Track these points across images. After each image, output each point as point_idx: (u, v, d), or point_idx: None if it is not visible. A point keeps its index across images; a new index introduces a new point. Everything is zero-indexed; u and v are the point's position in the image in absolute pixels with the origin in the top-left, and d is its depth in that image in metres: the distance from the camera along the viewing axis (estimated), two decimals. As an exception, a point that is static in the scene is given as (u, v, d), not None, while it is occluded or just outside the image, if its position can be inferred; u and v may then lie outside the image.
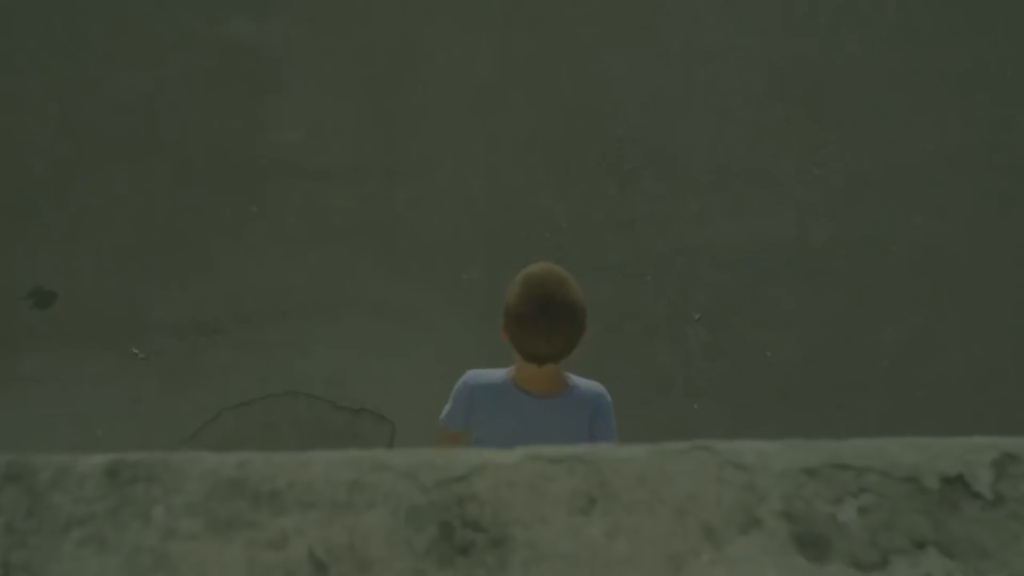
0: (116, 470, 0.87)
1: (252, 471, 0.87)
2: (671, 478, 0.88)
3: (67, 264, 4.27)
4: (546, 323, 2.33)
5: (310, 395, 3.97)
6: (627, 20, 5.17)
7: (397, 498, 0.86)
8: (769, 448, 0.91)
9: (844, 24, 5.21)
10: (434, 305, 4.17)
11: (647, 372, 4.10)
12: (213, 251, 4.34)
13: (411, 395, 3.96)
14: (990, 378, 4.17)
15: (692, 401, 4.05)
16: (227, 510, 0.84)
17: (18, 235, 4.34)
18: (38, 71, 4.85)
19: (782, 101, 4.92)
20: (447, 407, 2.63)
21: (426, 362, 3.41)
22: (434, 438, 2.72)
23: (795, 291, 4.36)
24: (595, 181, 4.62)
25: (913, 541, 0.84)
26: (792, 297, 4.34)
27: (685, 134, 4.79)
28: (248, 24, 5.05)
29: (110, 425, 3.85)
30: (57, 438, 3.80)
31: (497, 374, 2.56)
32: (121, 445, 3.74)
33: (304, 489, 0.86)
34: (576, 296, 2.37)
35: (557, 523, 0.86)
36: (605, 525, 0.85)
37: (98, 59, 4.90)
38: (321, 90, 4.85)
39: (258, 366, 4.03)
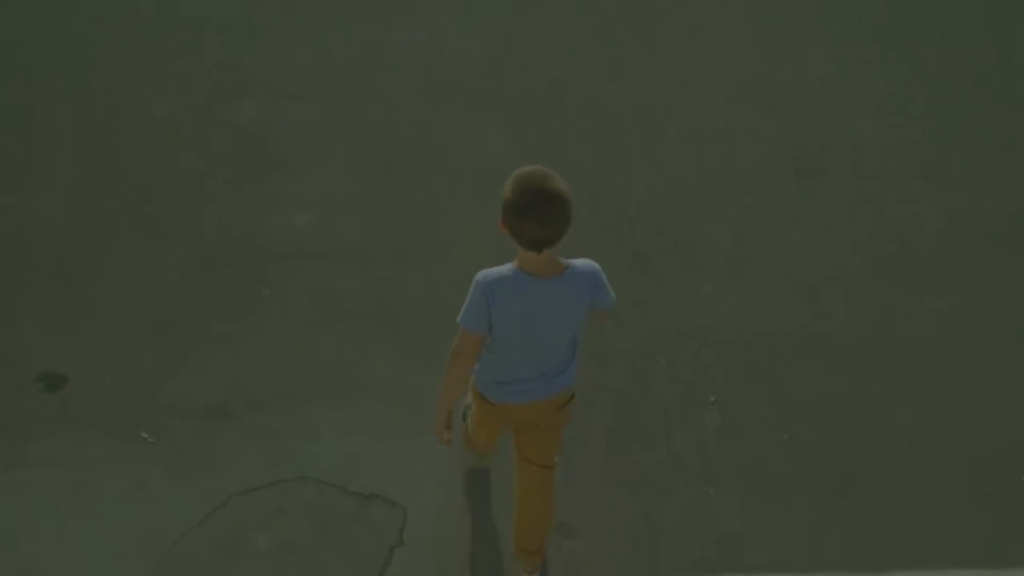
0: None
1: None
2: None
3: (77, 347, 4.25)
4: (538, 211, 2.77)
5: (319, 480, 3.91)
6: (637, 102, 5.22)
7: None
8: None
9: (854, 106, 5.25)
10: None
11: (662, 456, 4.05)
12: (223, 334, 4.32)
13: (422, 481, 3.90)
14: (1008, 460, 4.11)
15: (708, 486, 3.98)
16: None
17: (29, 317, 4.34)
18: (50, 152, 4.90)
19: (794, 181, 4.94)
20: (465, 309, 2.94)
21: (437, 447, 3.36)
22: (456, 343, 2.99)
23: (810, 373, 4.32)
24: (606, 262, 4.60)
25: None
26: (807, 379, 4.30)
27: (697, 215, 4.80)
28: (259, 108, 5.10)
29: (116, 510, 3.80)
30: (64, 524, 3.75)
31: (505, 268, 2.94)
32: (127, 532, 3.70)
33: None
34: (562, 187, 2.82)
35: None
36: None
37: (110, 141, 4.94)
38: (332, 173, 4.88)
39: (267, 451, 3.98)
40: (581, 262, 3.03)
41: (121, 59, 5.28)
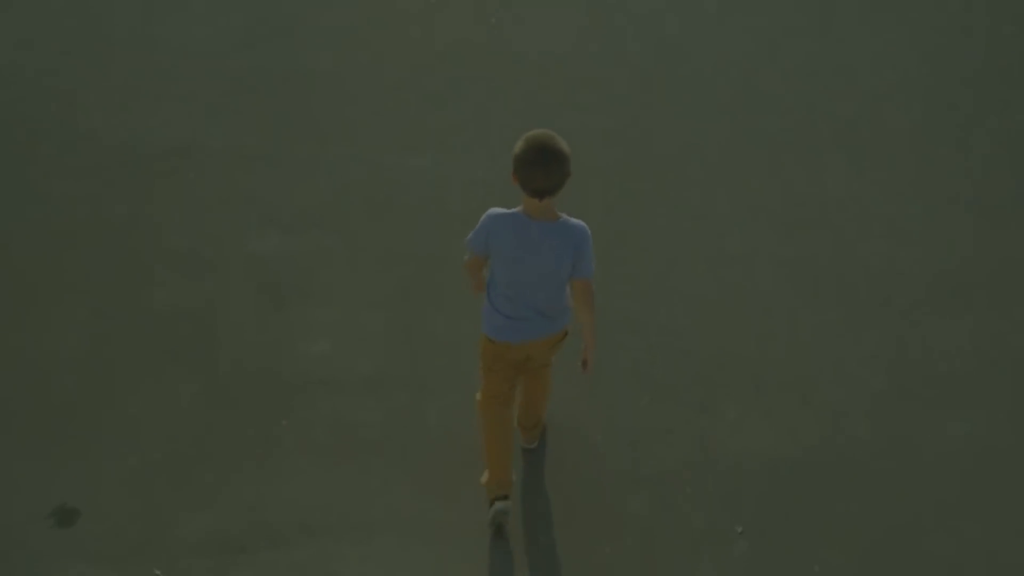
0: None
1: None
2: None
3: (91, 479, 4.19)
4: (542, 165, 3.34)
5: (337, 618, 3.80)
6: (655, 227, 5.23)
7: None
8: None
9: (874, 227, 5.24)
10: (466, 523, 4.04)
11: (690, 590, 3.92)
12: (239, 467, 4.25)
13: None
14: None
15: (739, 620, 3.84)
16: None
17: (43, 448, 4.29)
18: (69, 281, 4.92)
19: (815, 303, 4.90)
20: (471, 235, 3.58)
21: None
22: (465, 260, 3.70)
23: (839, 498, 4.20)
24: (627, 390, 4.55)
25: None
26: (836, 505, 4.18)
27: (719, 339, 4.75)
28: (279, 237, 5.14)
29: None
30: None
31: (512, 209, 3.53)
32: None
33: None
34: (564, 146, 3.39)
35: None
36: None
37: (129, 270, 4.97)
38: (350, 301, 4.88)
39: (284, 587, 3.88)
40: (574, 220, 3.54)
41: (142, 189, 5.35)
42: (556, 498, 4.18)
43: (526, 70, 6.03)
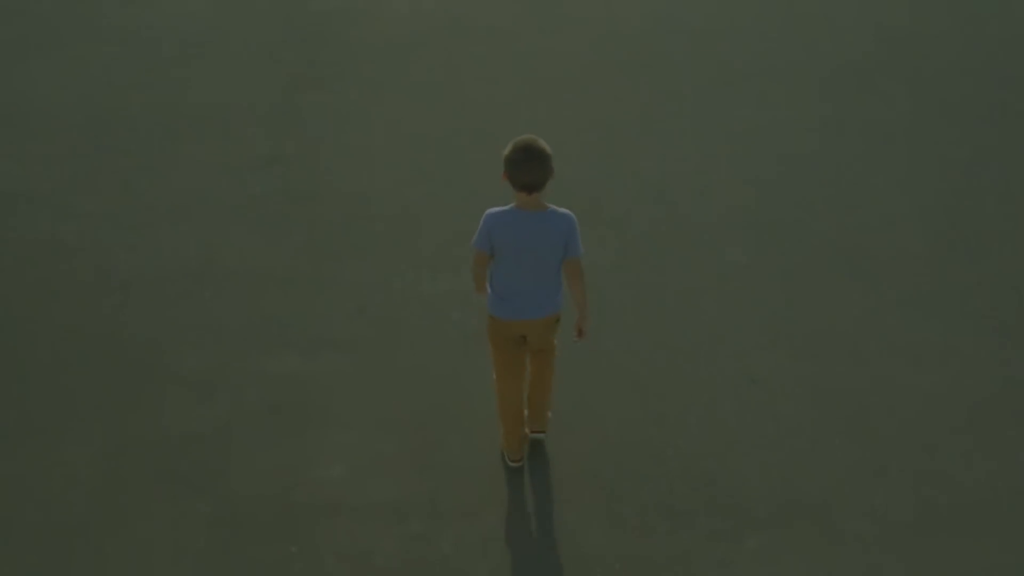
0: None
1: None
2: None
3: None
4: (528, 163, 3.86)
5: None
6: (672, 347, 5.20)
7: None
8: None
9: (892, 350, 5.20)
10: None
11: None
12: (249, 595, 4.14)
13: None
14: None
15: None
16: None
17: (51, 570, 4.18)
18: (82, 401, 4.88)
19: (839, 430, 4.83)
20: (476, 236, 4.07)
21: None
22: (471, 260, 4.16)
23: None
24: (646, 518, 4.45)
25: None
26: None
27: (739, 467, 4.66)
28: (294, 359, 5.12)
29: None
30: None
31: (506, 207, 4.05)
32: None
33: None
34: (546, 148, 3.90)
35: None
36: None
37: (143, 392, 4.94)
38: (365, 425, 4.82)
39: None
40: (562, 209, 4.06)
41: (159, 309, 5.36)
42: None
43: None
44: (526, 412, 4.64)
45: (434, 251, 5.74)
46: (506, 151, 3.93)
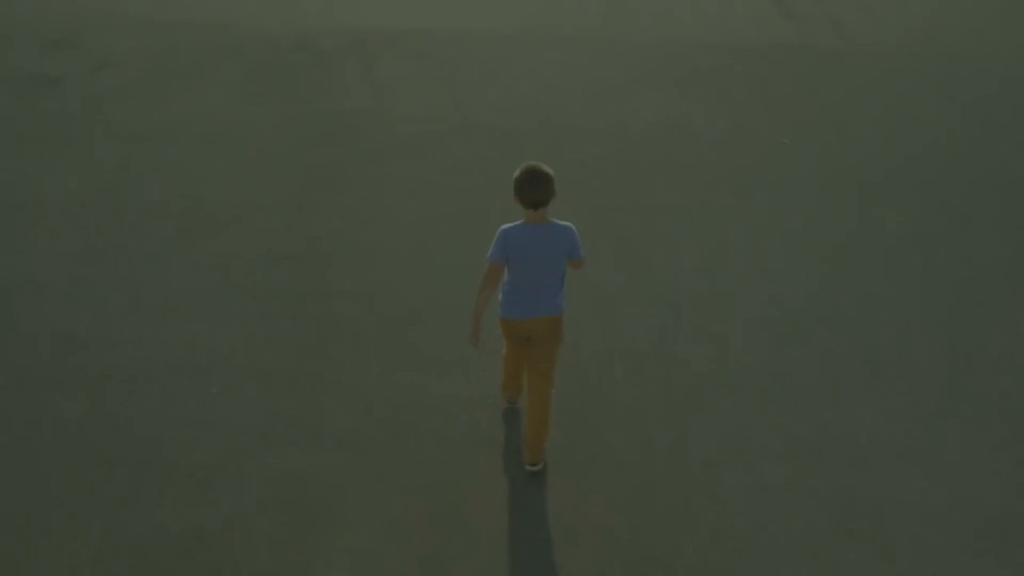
0: None
1: None
2: None
3: None
4: (534, 184, 4.50)
5: None
6: (686, 457, 5.14)
7: None
8: None
9: (908, 459, 5.14)
10: None
11: None
12: None
13: None
14: None
15: None
16: None
17: None
18: (83, 495, 4.80)
19: (848, 543, 4.74)
20: (492, 248, 4.63)
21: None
22: (485, 272, 4.66)
23: None
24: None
25: None
26: None
27: (752, 574, 4.57)
28: (299, 457, 5.06)
29: None
30: None
31: (517, 222, 4.64)
32: None
33: None
34: (549, 171, 4.52)
35: None
36: None
37: (145, 487, 4.86)
38: (370, 528, 4.74)
39: None
40: (562, 222, 4.67)
41: (164, 403, 5.31)
42: None
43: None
44: (525, 428, 5.11)
45: (442, 351, 5.72)
46: (516, 175, 4.57)
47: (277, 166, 7.32)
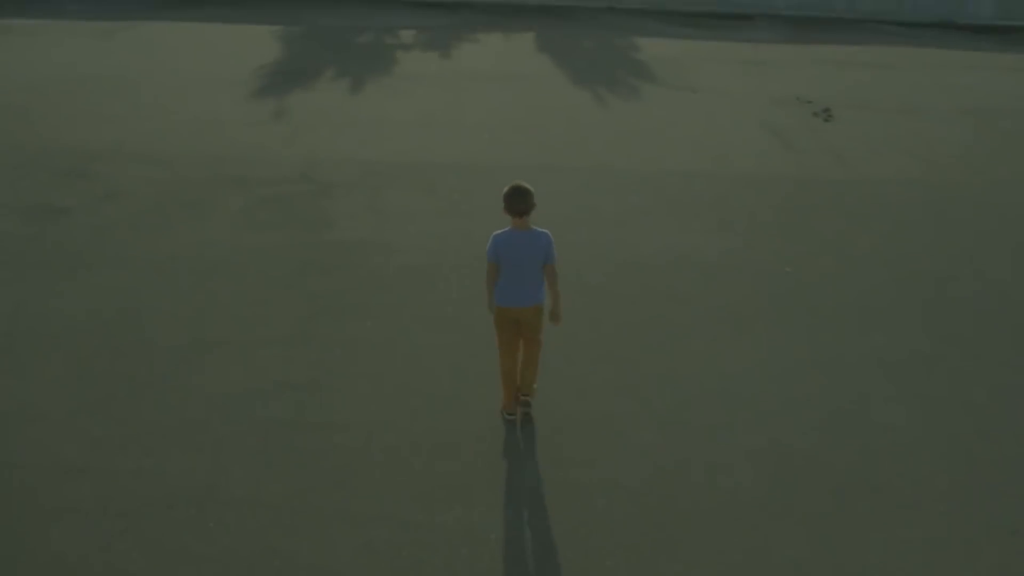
0: None
1: None
2: None
3: None
4: (517, 196, 5.65)
5: None
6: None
7: None
8: None
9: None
10: None
11: None
12: None
13: None
14: None
15: None
16: None
17: None
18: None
19: None
20: (488, 251, 5.73)
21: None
22: (487, 270, 5.79)
23: None
24: None
25: None
26: None
27: None
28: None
29: None
30: None
31: (505, 230, 5.73)
32: None
33: None
34: (530, 188, 5.66)
35: None
36: None
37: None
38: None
39: None
40: (541, 229, 5.78)
41: (160, 537, 5.18)
42: None
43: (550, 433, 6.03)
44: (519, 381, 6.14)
45: (444, 484, 5.61)
46: (504, 192, 5.70)
47: (280, 296, 7.33)
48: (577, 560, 5.14)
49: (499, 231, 5.76)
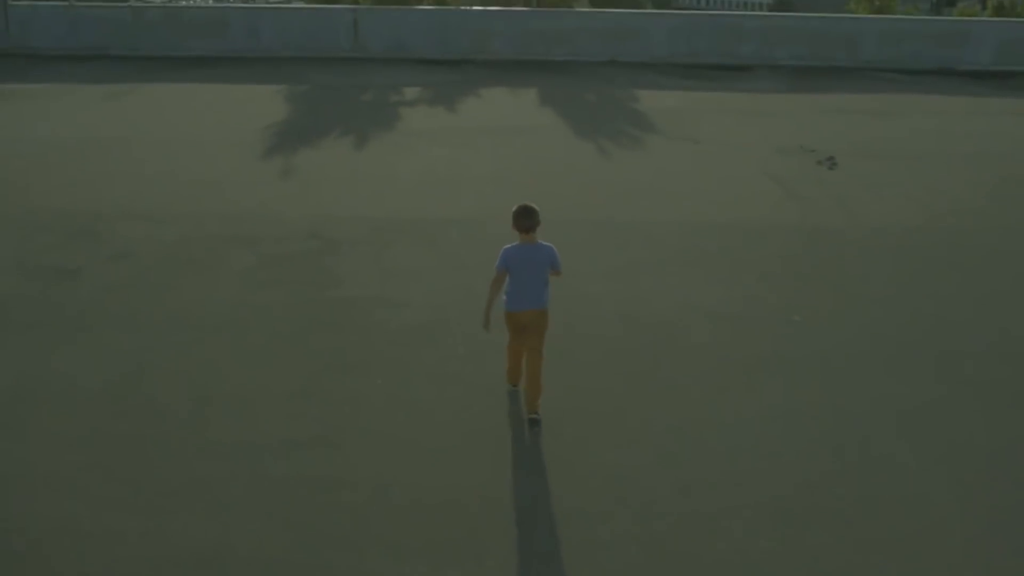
0: None
1: None
2: None
3: None
4: (525, 215, 6.30)
5: None
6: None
7: None
8: None
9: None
10: None
11: None
12: None
13: None
14: None
15: None
16: None
17: None
18: None
19: None
20: (498, 262, 6.35)
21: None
22: (494, 277, 6.40)
23: None
24: None
25: None
26: None
27: None
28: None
29: None
30: None
31: (515, 243, 6.37)
32: None
33: None
34: (535, 207, 6.33)
35: None
36: None
37: None
38: None
39: None
40: (545, 242, 6.45)
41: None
42: None
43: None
44: (523, 386, 6.71)
45: (453, 541, 5.54)
46: (513, 211, 6.39)
47: (287, 353, 7.32)
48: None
49: (509, 245, 6.44)
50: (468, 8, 22.63)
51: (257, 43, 19.32)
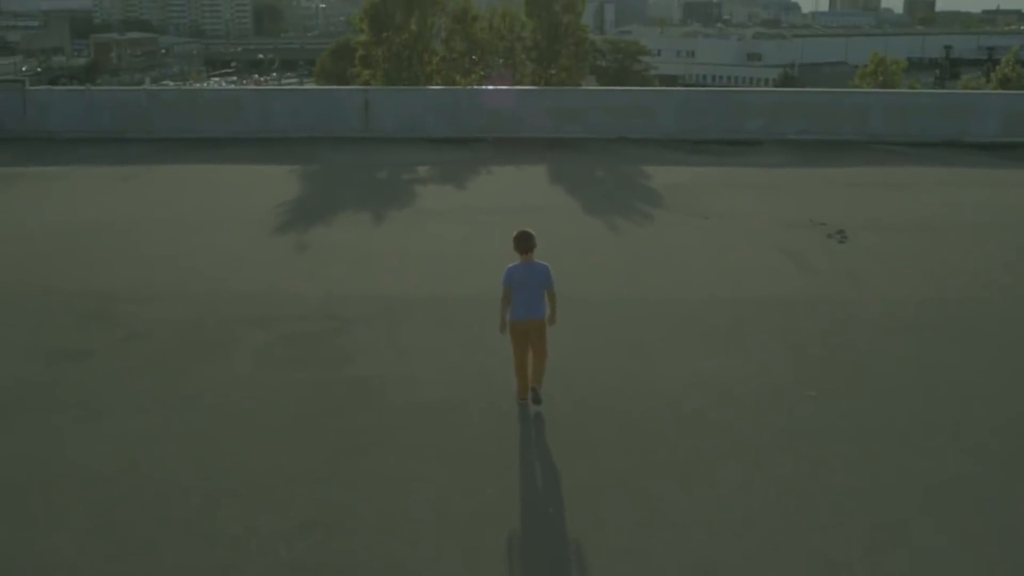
0: None
1: None
2: None
3: None
4: (525, 239, 7.59)
5: None
6: None
7: None
8: None
9: None
10: None
11: None
12: None
13: None
14: None
15: None
16: None
17: None
18: None
19: None
20: (504, 279, 7.55)
21: None
22: (502, 292, 7.54)
23: None
24: None
25: None
26: None
27: None
28: None
29: None
30: None
31: (516, 263, 7.60)
32: None
33: None
34: (532, 232, 7.63)
35: None
36: None
37: None
38: None
39: None
40: (541, 262, 7.56)
41: None
42: None
43: None
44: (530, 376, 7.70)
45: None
46: (513, 236, 7.54)
47: (303, 434, 7.28)
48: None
49: (512, 264, 7.55)
50: (477, 87, 22.95)
51: (270, 124, 19.58)
